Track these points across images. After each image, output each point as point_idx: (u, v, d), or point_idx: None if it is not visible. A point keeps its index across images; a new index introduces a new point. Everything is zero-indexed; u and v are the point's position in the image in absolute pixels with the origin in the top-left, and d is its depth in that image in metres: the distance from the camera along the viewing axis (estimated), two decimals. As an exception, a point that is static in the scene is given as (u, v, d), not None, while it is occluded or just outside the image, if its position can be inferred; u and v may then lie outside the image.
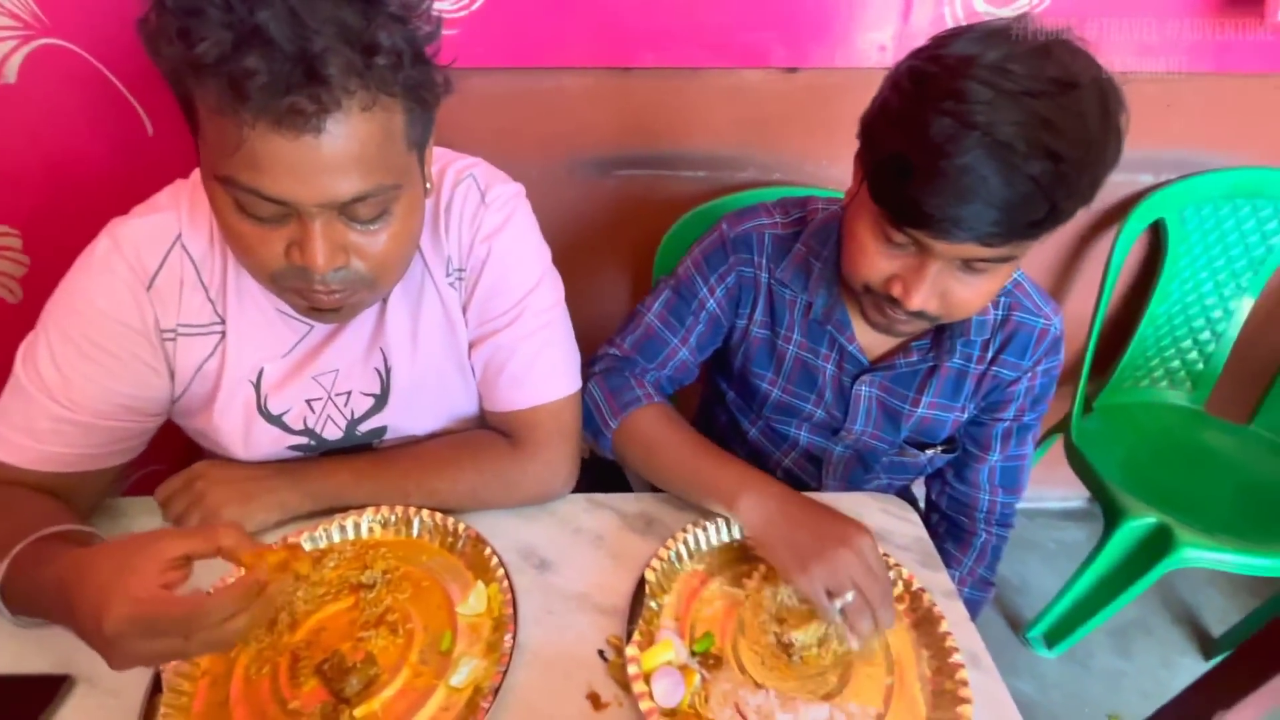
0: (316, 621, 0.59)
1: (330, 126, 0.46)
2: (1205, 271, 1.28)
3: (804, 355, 0.79)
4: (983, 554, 0.85)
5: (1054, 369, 0.76)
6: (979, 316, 0.71)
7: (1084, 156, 0.53)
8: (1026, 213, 0.53)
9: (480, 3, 0.96)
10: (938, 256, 0.58)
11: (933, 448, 0.81)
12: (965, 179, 0.52)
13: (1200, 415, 1.41)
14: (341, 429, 0.70)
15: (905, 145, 0.55)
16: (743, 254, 0.77)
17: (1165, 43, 1.03)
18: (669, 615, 0.61)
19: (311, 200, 0.49)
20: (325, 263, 0.51)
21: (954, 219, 0.53)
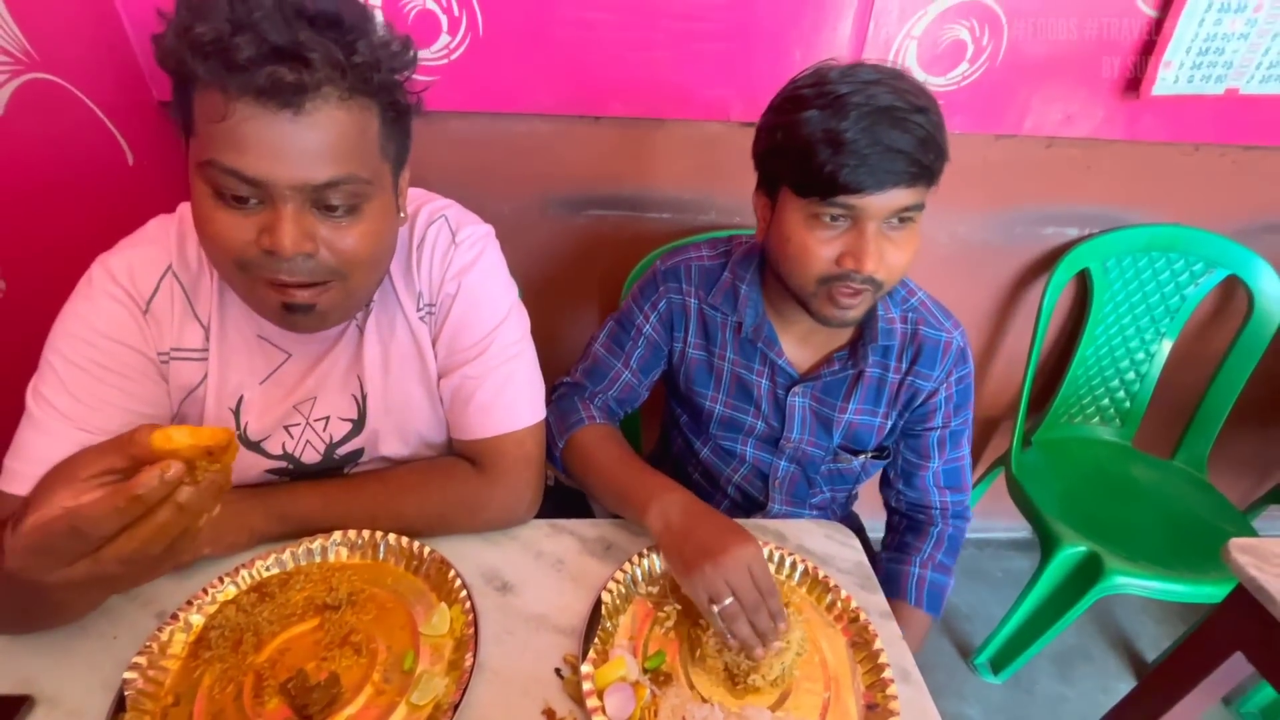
0: (282, 642, 0.61)
1: (309, 108, 0.51)
2: (1128, 317, 1.39)
3: (739, 371, 0.87)
4: (940, 542, 0.92)
5: (966, 377, 0.85)
6: (887, 326, 0.81)
7: (938, 112, 0.66)
8: (926, 152, 0.64)
9: (461, 52, 1.02)
10: (871, 218, 0.66)
11: (863, 454, 0.89)
12: (871, 136, 0.63)
13: (1129, 450, 1.51)
14: (320, 453, 0.72)
15: (812, 139, 0.65)
16: (672, 283, 0.87)
17: (1083, 113, 1.14)
18: (623, 635, 0.65)
19: (286, 180, 0.52)
20: (292, 245, 0.53)
21: (876, 168, 0.63)
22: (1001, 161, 1.20)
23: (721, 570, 0.62)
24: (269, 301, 0.58)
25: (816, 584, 0.71)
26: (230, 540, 0.67)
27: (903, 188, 0.65)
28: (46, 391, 0.60)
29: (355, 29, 0.52)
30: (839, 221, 0.68)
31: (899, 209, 0.66)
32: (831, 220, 0.68)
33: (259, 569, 0.67)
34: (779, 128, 0.69)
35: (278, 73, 0.49)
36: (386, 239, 0.62)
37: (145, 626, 0.62)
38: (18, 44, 0.78)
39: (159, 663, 0.58)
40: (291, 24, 0.49)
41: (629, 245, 1.24)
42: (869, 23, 1.03)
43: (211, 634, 0.60)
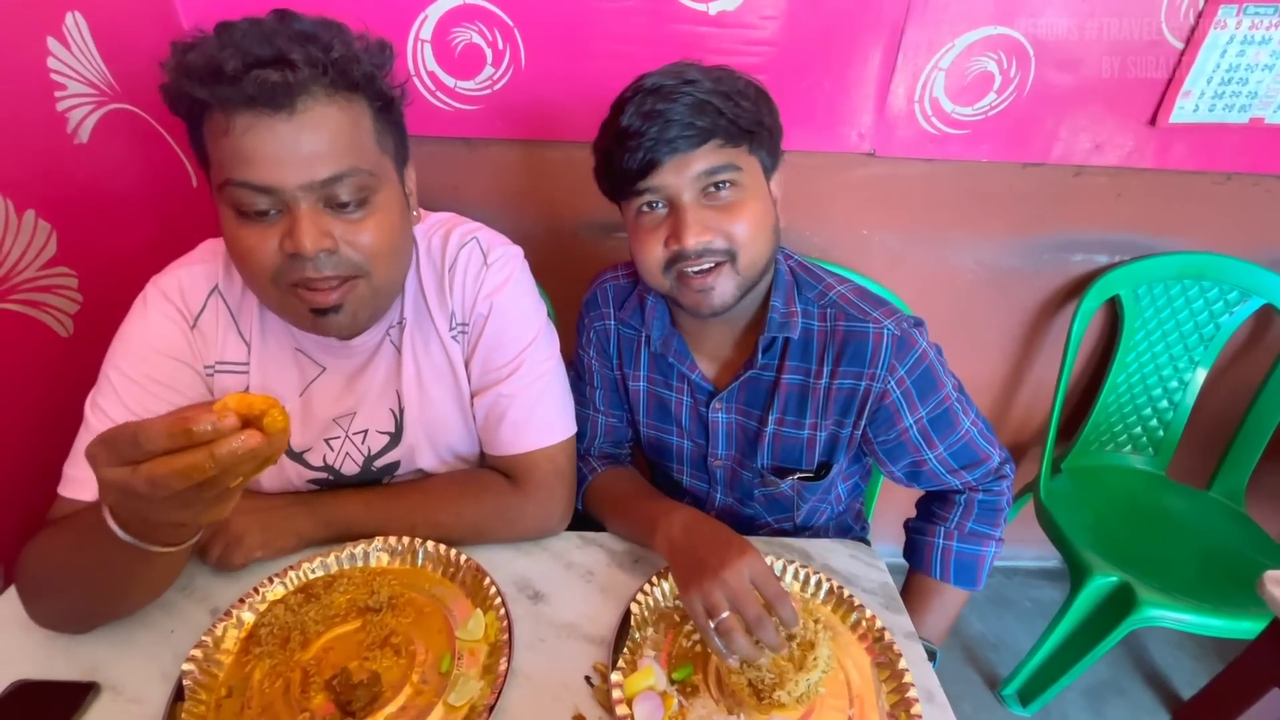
0: (326, 641, 0.64)
1: (300, 107, 0.55)
2: (1160, 344, 1.38)
3: (655, 390, 0.87)
4: (969, 508, 0.84)
5: (917, 364, 0.75)
6: (803, 322, 0.77)
7: (721, 80, 0.68)
8: (699, 114, 0.65)
9: (504, 83, 1.07)
10: (678, 194, 0.67)
11: (792, 474, 0.83)
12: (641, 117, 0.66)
13: (1162, 480, 1.48)
14: (359, 465, 0.76)
15: (607, 148, 0.70)
16: (592, 310, 0.88)
17: (1112, 141, 1.15)
18: (651, 646, 0.67)
19: (294, 182, 0.55)
20: (312, 244, 0.56)
21: (655, 141, 0.65)
22: (1029, 189, 1.21)
23: (719, 584, 0.60)
24: (300, 310, 0.62)
25: (841, 603, 0.72)
26: (280, 544, 0.71)
27: (689, 152, 0.66)
28: (103, 403, 0.65)
29: (330, 35, 0.57)
30: (659, 208, 0.70)
31: (700, 174, 0.67)
32: (650, 209, 0.70)
33: (305, 571, 0.70)
34: (594, 149, 0.74)
35: (263, 75, 0.53)
36: (402, 231, 0.65)
37: (200, 622, 0.66)
38: (103, 78, 0.86)
39: (214, 656, 0.62)
40: (271, 38, 0.55)
41: (658, 267, 1.27)
42: (897, 55, 1.06)
43: (262, 631, 0.64)
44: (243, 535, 0.69)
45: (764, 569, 0.62)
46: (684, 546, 0.68)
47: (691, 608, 0.62)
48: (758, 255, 0.71)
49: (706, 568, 0.62)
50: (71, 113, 0.81)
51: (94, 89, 0.84)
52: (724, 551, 0.63)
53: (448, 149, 1.14)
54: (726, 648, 0.60)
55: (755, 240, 0.70)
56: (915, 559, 0.88)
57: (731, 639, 0.59)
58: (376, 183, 0.61)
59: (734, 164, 0.68)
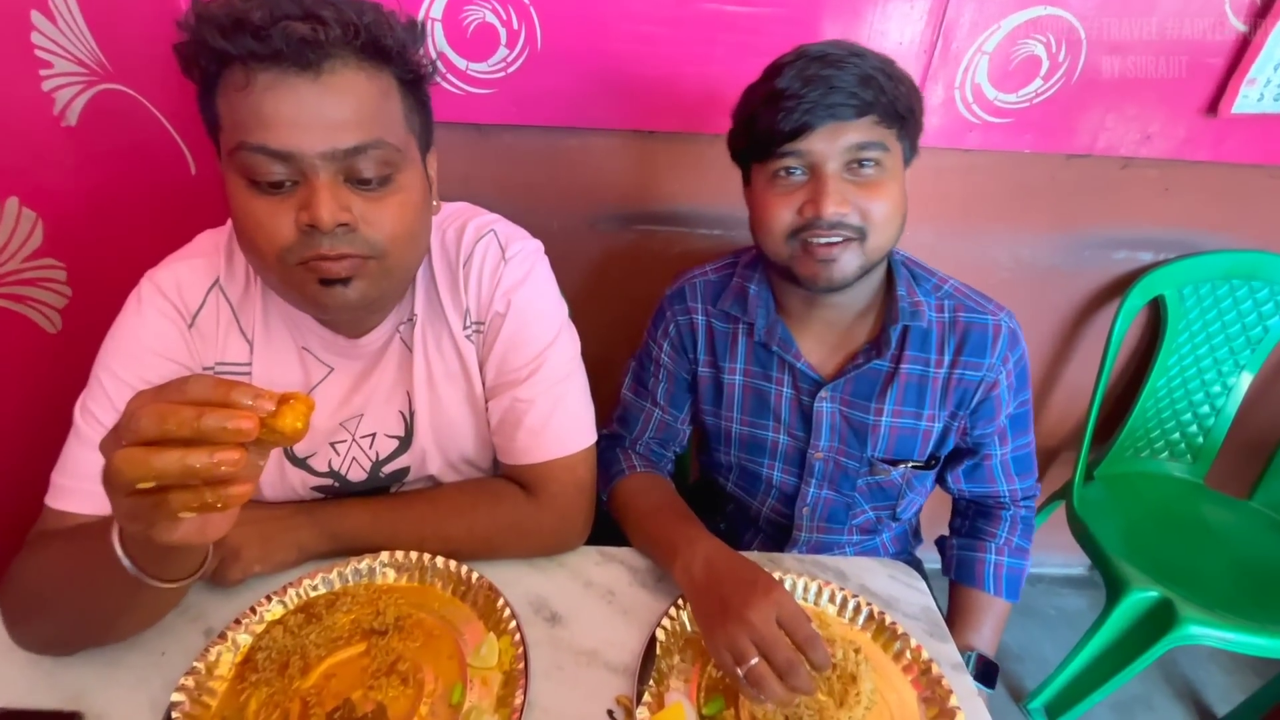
0: (328, 667, 0.59)
1: (328, 69, 0.51)
2: (1205, 347, 1.31)
3: (753, 383, 0.83)
4: (1014, 525, 0.87)
5: (1022, 358, 0.80)
6: (912, 309, 0.76)
7: (885, 61, 0.68)
8: (865, 87, 0.65)
9: (518, 65, 1.01)
10: (824, 160, 0.66)
11: (904, 463, 0.82)
12: (803, 79, 0.65)
13: (1200, 488, 1.42)
14: (366, 470, 0.71)
15: (754, 106, 0.69)
16: (677, 305, 0.86)
17: (1163, 131, 1.08)
18: (679, 677, 0.62)
19: (314, 149, 0.51)
20: (330, 216, 0.52)
21: (814, 106, 0.64)
22: (1072, 182, 1.14)
23: (745, 627, 0.55)
24: (306, 283, 0.56)
25: (883, 630, 0.66)
26: (280, 558, 0.66)
27: (846, 121, 0.65)
28: (94, 407, 0.60)
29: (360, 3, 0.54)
30: (796, 174, 0.69)
31: (851, 146, 0.66)
32: (788, 174, 0.69)
33: (306, 588, 0.65)
34: (735, 111, 0.74)
35: (292, 28, 0.49)
36: (423, 215, 0.61)
37: (193, 643, 0.61)
38: (93, 56, 0.80)
39: (206, 684, 0.57)
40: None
41: (678, 263, 1.21)
42: (937, 36, 1.00)
43: (258, 656, 0.59)
44: (240, 548, 0.64)
45: (792, 609, 0.57)
46: (705, 584, 0.63)
47: (717, 654, 0.57)
48: (886, 239, 0.70)
49: (729, 609, 0.58)
50: (59, 93, 0.76)
51: (83, 68, 0.79)
52: (748, 591, 0.58)
53: (458, 135, 1.08)
54: (757, 694, 0.55)
55: (888, 223, 0.69)
56: (964, 575, 0.87)
57: (763, 686, 0.54)
58: (401, 160, 0.56)
59: (884, 143, 0.68)
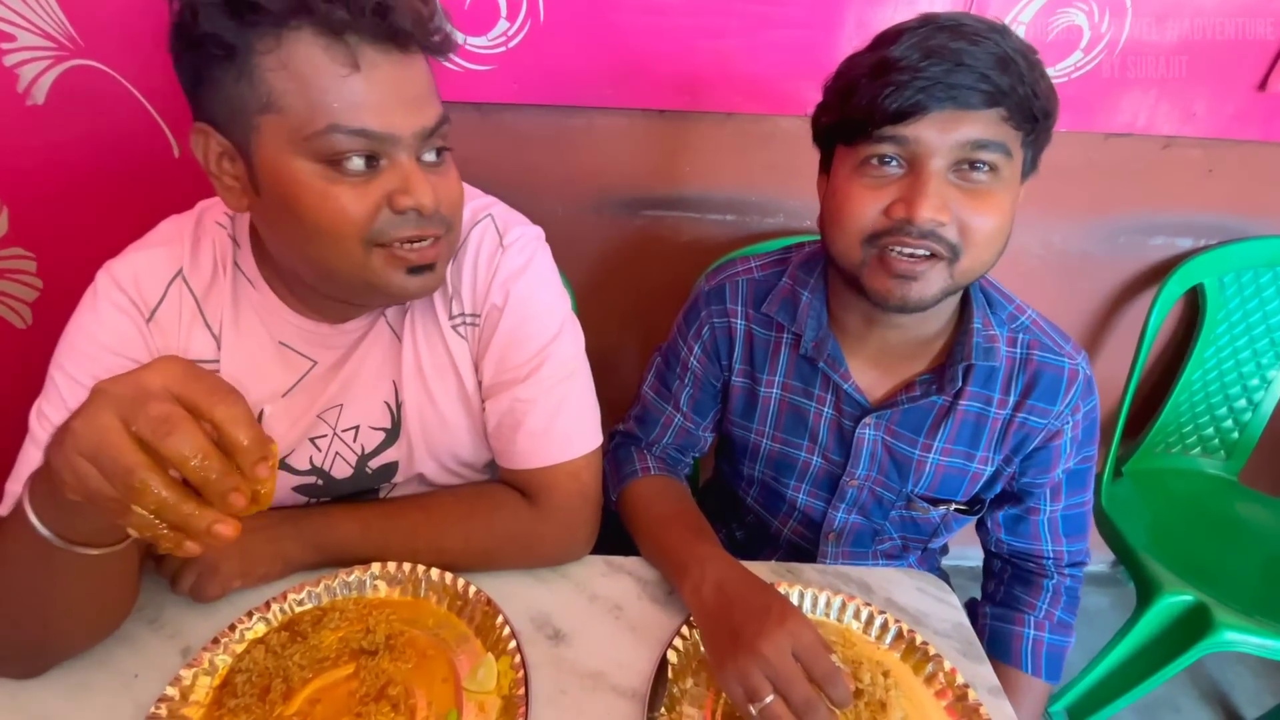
0: (313, 691, 0.55)
1: (412, 50, 0.50)
2: (1244, 339, 1.24)
3: (791, 398, 0.75)
4: (1057, 596, 0.77)
5: (1093, 410, 0.71)
6: (987, 344, 0.66)
7: (1025, 47, 0.55)
8: (1002, 72, 0.53)
9: (519, 40, 0.95)
10: (928, 156, 0.55)
11: (946, 504, 0.74)
12: (924, 49, 0.53)
13: (1234, 485, 1.35)
14: (351, 465, 0.67)
15: (858, 74, 0.57)
16: (715, 305, 0.76)
17: (1209, 108, 1.01)
18: (692, 702, 0.57)
19: (409, 128, 0.50)
20: (432, 201, 0.52)
21: (932, 82, 0.52)
22: (1110, 164, 1.07)
23: (759, 662, 0.50)
24: (393, 270, 0.54)
25: (914, 650, 0.61)
26: (262, 571, 0.62)
27: (968, 110, 0.53)
28: (49, 410, 0.56)
29: None
30: (891, 165, 0.57)
31: (966, 142, 0.54)
32: (881, 164, 0.57)
33: (291, 603, 0.61)
34: (831, 80, 0.62)
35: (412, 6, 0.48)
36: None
37: (169, 663, 0.56)
38: (62, 30, 0.75)
39: (180, 711, 0.53)
40: None
41: (687, 250, 1.16)
42: (970, 5, 0.93)
43: (237, 679, 0.55)
44: (218, 562, 0.60)
45: (809, 640, 0.51)
46: (715, 610, 0.57)
47: (729, 690, 0.52)
48: (981, 264, 0.59)
49: (741, 640, 0.52)
50: (23, 69, 0.71)
51: (51, 41, 0.73)
52: (761, 620, 0.53)
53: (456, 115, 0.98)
54: None
55: (989, 244, 0.58)
56: (999, 650, 0.76)
57: None
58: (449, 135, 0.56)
59: (1007, 146, 0.55)
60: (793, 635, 0.51)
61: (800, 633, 0.51)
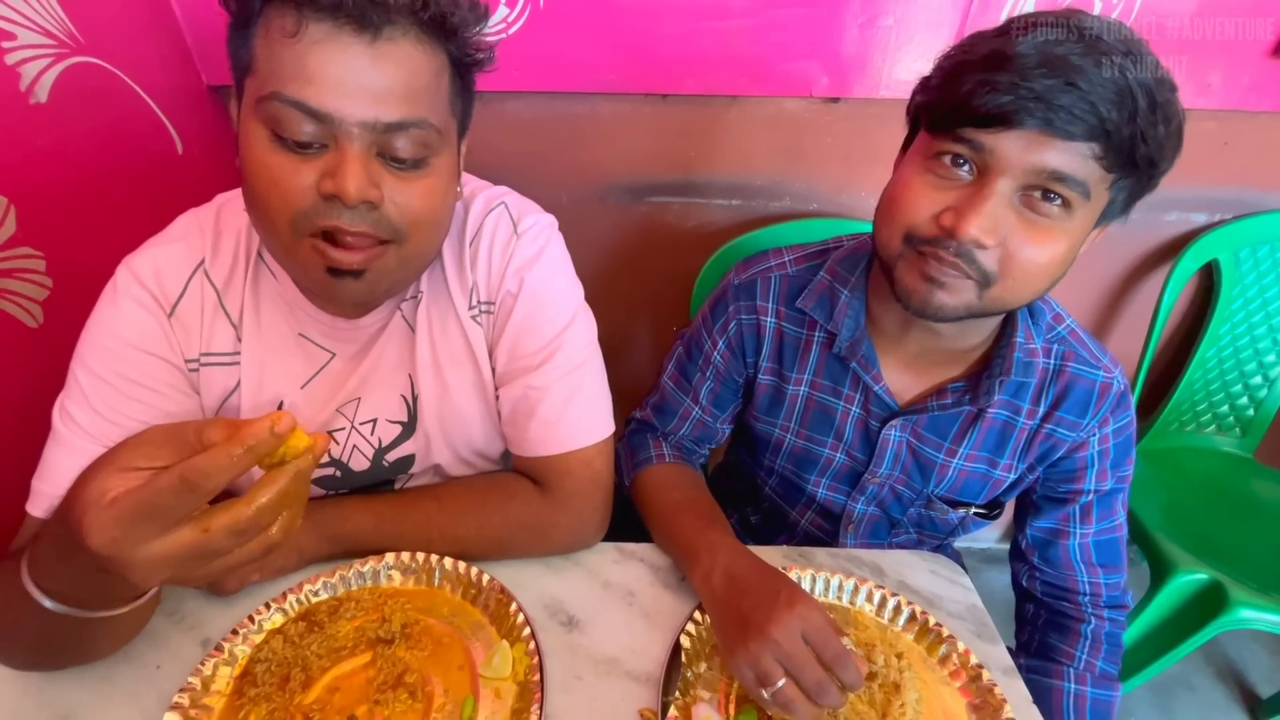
0: (331, 679, 0.56)
1: (386, 36, 0.47)
2: (1260, 315, 1.22)
3: (819, 396, 0.73)
4: (1096, 643, 0.72)
5: (1126, 427, 0.68)
6: (1027, 359, 0.64)
7: (1156, 82, 0.49)
8: (1117, 106, 0.47)
9: (519, 25, 0.94)
10: (1002, 172, 0.51)
11: (966, 507, 0.73)
12: (1043, 55, 0.48)
13: (1250, 463, 1.34)
14: (369, 459, 0.67)
15: (969, 60, 0.52)
16: (744, 301, 0.74)
17: (1225, 79, 0.99)
18: (705, 686, 0.57)
19: (356, 115, 0.47)
20: (357, 190, 0.48)
21: (1037, 99, 0.47)
22: (1122, 138, 1.05)
23: (769, 646, 0.51)
24: (313, 264, 0.52)
25: (927, 633, 0.61)
26: (279, 564, 0.62)
27: (1061, 139, 0.48)
28: (71, 407, 0.56)
29: None
30: (963, 170, 0.53)
31: (1046, 170, 0.49)
32: (955, 164, 0.53)
33: (307, 594, 0.62)
34: (945, 54, 0.56)
35: None
36: (449, 202, 0.56)
37: (189, 654, 0.57)
38: (62, 27, 0.74)
39: (201, 700, 0.53)
40: None
41: (693, 235, 1.15)
42: (979, -19, 0.91)
43: (257, 669, 0.56)
44: (235, 558, 0.60)
45: (819, 623, 0.51)
46: (725, 597, 0.57)
47: (741, 676, 0.52)
48: (1016, 297, 0.56)
49: (750, 625, 0.52)
50: (24, 67, 0.70)
51: (51, 39, 0.73)
52: (770, 605, 0.53)
53: (458, 104, 1.01)
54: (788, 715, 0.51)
55: (1031, 280, 0.54)
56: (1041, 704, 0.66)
57: (791, 709, 0.50)
58: (440, 144, 0.52)
59: (1087, 186, 0.50)
60: (803, 619, 0.51)
61: (810, 616, 0.52)
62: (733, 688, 0.57)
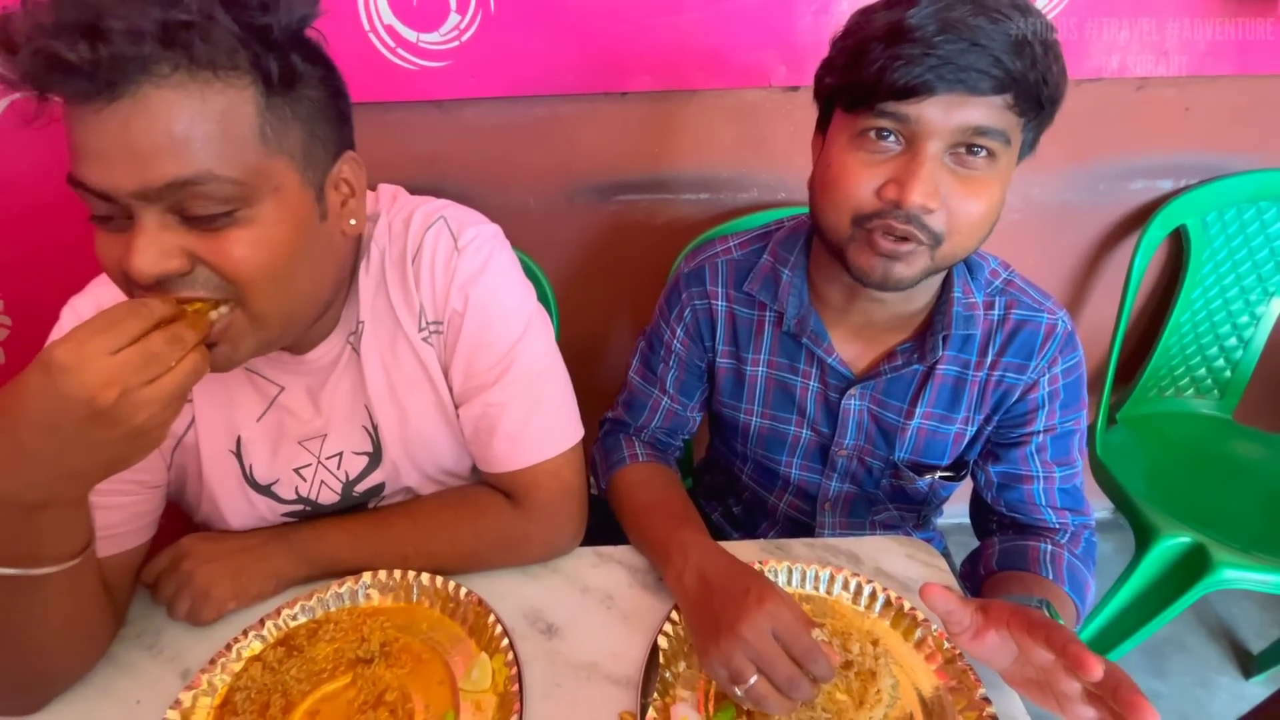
0: (312, 703, 0.56)
1: (129, 92, 0.41)
2: (1230, 277, 1.23)
3: (778, 375, 0.75)
4: (1076, 539, 0.71)
5: (1075, 367, 0.70)
6: (967, 313, 0.66)
7: (1044, 27, 0.53)
8: (1017, 57, 0.51)
9: (472, 32, 0.93)
10: (929, 137, 0.53)
11: (931, 471, 0.75)
12: (942, 21, 0.51)
13: (1229, 424, 1.35)
14: (338, 492, 0.67)
15: (870, 37, 0.54)
16: (695, 287, 0.76)
17: (1182, 45, 0.99)
18: (684, 685, 0.58)
19: (124, 187, 0.43)
20: (147, 265, 0.44)
21: (943, 61, 0.50)
22: (1084, 111, 1.05)
23: (739, 644, 0.51)
24: None
25: (902, 617, 0.62)
26: (256, 590, 0.62)
27: (977, 96, 0.51)
28: None
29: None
30: (890, 141, 0.55)
31: (968, 127, 0.52)
32: (880, 137, 0.55)
33: (285, 619, 0.62)
34: (840, 36, 0.59)
35: (50, 48, 0.39)
36: (294, 250, 0.50)
37: (169, 687, 0.57)
38: (3, 61, 0.73)
39: (182, 733, 0.54)
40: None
41: (663, 232, 1.15)
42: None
43: (237, 697, 0.56)
44: (210, 587, 0.60)
45: (788, 620, 0.52)
46: (697, 596, 0.58)
47: (714, 674, 0.53)
48: (963, 249, 0.58)
49: (722, 624, 0.53)
50: (-33, 105, 0.70)
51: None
52: (740, 603, 0.53)
53: (417, 115, 1.01)
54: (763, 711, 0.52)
55: (973, 232, 0.57)
56: (1016, 562, 0.71)
57: (764, 705, 0.51)
58: (249, 193, 0.46)
59: (1007, 134, 0.54)
60: (772, 616, 0.52)
61: (779, 613, 0.52)
62: (711, 686, 0.57)
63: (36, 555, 0.47)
